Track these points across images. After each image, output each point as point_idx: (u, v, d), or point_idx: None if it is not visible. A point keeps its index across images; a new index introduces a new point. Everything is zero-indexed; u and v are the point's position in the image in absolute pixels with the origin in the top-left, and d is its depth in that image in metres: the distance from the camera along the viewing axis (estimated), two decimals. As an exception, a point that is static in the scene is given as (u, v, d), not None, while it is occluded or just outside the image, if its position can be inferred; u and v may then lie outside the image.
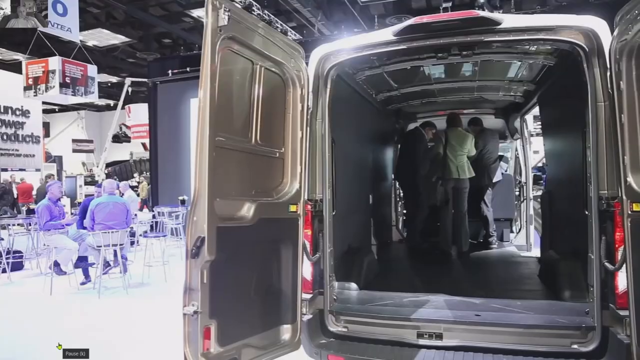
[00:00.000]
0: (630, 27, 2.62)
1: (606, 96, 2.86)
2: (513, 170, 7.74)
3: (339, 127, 3.86)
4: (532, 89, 5.43)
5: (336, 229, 3.63)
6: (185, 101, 13.90)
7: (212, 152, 2.53)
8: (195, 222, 2.53)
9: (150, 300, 7.25)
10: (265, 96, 3.07)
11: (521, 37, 3.17)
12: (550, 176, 5.64)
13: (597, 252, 2.91)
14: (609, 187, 2.86)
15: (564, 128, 4.49)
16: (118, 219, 7.82)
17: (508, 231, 7.29)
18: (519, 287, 4.62)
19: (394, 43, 3.28)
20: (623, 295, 2.77)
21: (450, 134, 6.21)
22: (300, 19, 14.58)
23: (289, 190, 3.26)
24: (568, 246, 4.21)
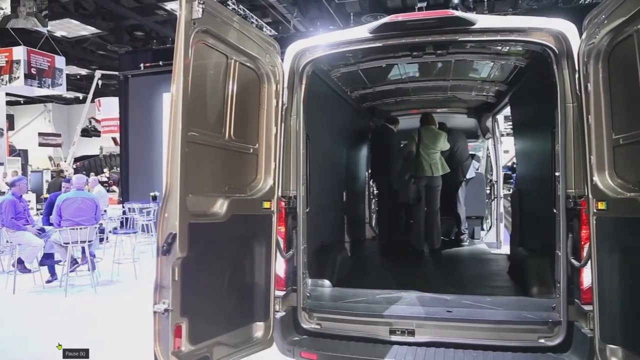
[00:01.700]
0: (597, 31, 2.70)
1: (574, 97, 2.93)
2: (484, 169, 7.88)
3: (313, 124, 3.85)
4: (503, 89, 5.53)
5: (310, 225, 3.62)
6: (157, 95, 13.63)
7: (185, 147, 2.48)
8: (166, 219, 2.48)
9: (119, 298, 7.09)
10: (240, 91, 3.04)
11: (494, 38, 3.22)
12: (520, 175, 5.77)
13: (564, 249, 2.99)
14: (576, 186, 2.94)
15: (533, 128, 4.60)
16: (87, 214, 7.61)
17: (479, 229, 7.42)
18: (489, 283, 4.71)
19: (369, 40, 3.28)
20: (588, 291, 2.86)
21: (423, 133, 6.28)
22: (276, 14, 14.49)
23: (263, 186, 3.24)
24: (536, 243, 4.32)
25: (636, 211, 2.38)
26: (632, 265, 2.55)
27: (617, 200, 2.63)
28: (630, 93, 2.51)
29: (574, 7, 11.54)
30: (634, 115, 2.48)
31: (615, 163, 2.73)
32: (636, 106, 2.45)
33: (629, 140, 2.58)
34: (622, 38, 2.56)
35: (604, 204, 2.72)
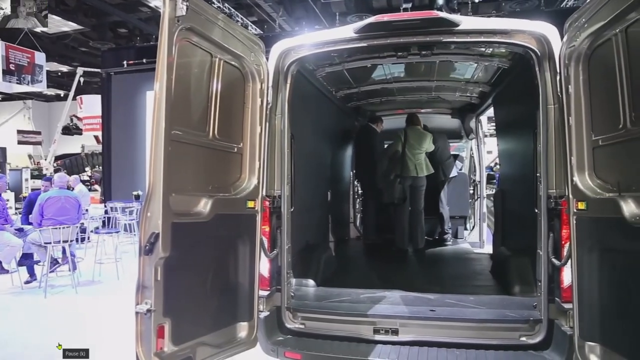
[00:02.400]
0: (578, 34, 2.74)
1: (556, 99, 2.98)
2: (468, 169, 7.96)
3: (298, 123, 3.84)
4: (487, 90, 5.59)
5: (294, 225, 3.61)
6: (141, 93, 13.48)
7: (168, 146, 2.46)
8: (149, 218, 2.46)
9: (101, 298, 6.99)
10: (224, 90, 3.02)
11: (477, 39, 3.25)
12: (502, 175, 5.84)
13: (545, 249, 3.04)
14: (557, 187, 2.98)
15: (516, 129, 4.66)
16: (70, 214, 7.50)
17: (462, 228, 7.49)
18: (472, 282, 4.76)
19: (354, 40, 3.29)
20: (568, 290, 2.91)
21: (409, 133, 6.32)
22: (262, 13, 14.43)
23: (247, 186, 3.22)
24: (518, 243, 4.37)
25: (614, 211, 2.43)
26: (610, 264, 2.60)
27: (597, 200, 2.68)
28: (609, 95, 2.56)
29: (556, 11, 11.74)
30: (612, 117, 2.53)
31: (594, 164, 2.78)
32: (614, 108, 2.50)
33: (607, 142, 2.63)
34: (601, 41, 2.61)
35: (583, 204, 2.77)
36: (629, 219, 2.33)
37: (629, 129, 2.42)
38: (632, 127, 2.40)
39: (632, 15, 2.29)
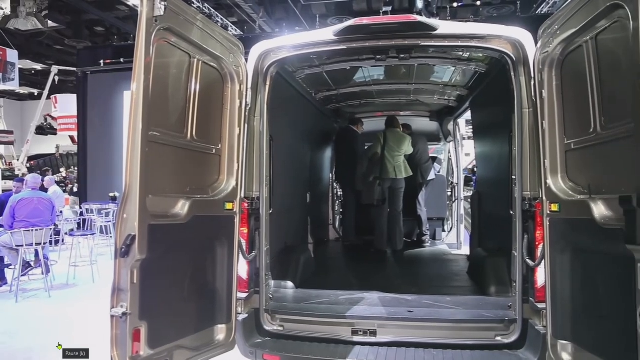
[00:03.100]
0: (551, 41, 2.82)
1: (530, 103, 3.04)
2: (446, 171, 8.06)
3: (277, 125, 3.84)
4: (464, 93, 5.68)
5: (273, 227, 3.61)
6: (118, 93, 13.26)
7: (145, 147, 2.43)
8: (125, 220, 2.43)
9: (75, 302, 6.85)
10: (203, 91, 3.00)
11: (455, 44, 3.31)
12: (479, 177, 5.93)
13: (519, 250, 3.10)
14: (532, 189, 3.05)
15: (492, 132, 4.74)
16: (43, 215, 7.32)
17: (440, 230, 7.58)
18: (449, 283, 4.82)
19: (334, 43, 3.31)
20: (541, 290, 2.98)
21: (389, 135, 6.37)
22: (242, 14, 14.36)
23: (225, 187, 3.21)
24: (494, 244, 4.45)
25: (585, 213, 2.50)
26: (581, 264, 2.67)
27: (569, 202, 2.75)
28: (580, 100, 2.63)
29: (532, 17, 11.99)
30: (583, 122, 2.60)
31: (567, 167, 2.85)
32: (585, 113, 2.57)
33: (579, 145, 2.70)
34: (573, 48, 2.68)
35: (556, 206, 2.84)
36: (598, 221, 2.40)
37: (599, 133, 2.49)
38: (601, 131, 2.47)
39: (601, 23, 2.36)
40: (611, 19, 2.27)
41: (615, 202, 2.17)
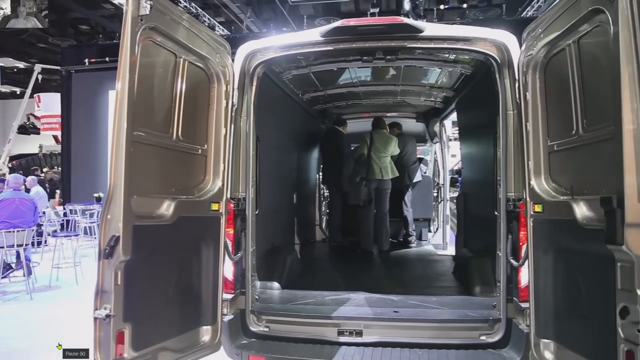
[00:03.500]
0: (535, 44, 2.86)
1: (514, 105, 3.08)
2: (432, 172, 8.11)
3: (264, 125, 3.83)
4: (450, 95, 5.72)
5: (259, 228, 3.60)
6: (103, 93, 13.11)
7: (130, 147, 2.42)
8: (109, 220, 2.41)
9: (58, 304, 6.74)
10: (188, 91, 2.99)
11: (441, 45, 3.34)
12: (465, 178, 5.98)
13: (504, 250, 3.14)
14: (516, 190, 3.09)
15: (478, 133, 4.79)
16: (25, 216, 7.20)
17: (426, 230, 7.62)
18: (435, 284, 4.85)
19: (320, 44, 3.31)
20: (525, 290, 3.02)
21: (375, 136, 6.39)
22: (229, 14, 14.30)
23: (211, 188, 3.20)
24: (479, 244, 4.49)
25: (568, 213, 2.53)
26: (563, 264, 2.71)
27: (552, 203, 2.79)
28: (563, 103, 2.67)
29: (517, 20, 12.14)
30: (565, 124, 2.65)
31: (550, 168, 2.89)
32: (568, 115, 2.61)
33: (562, 147, 2.75)
34: (556, 51, 2.73)
35: (540, 206, 2.88)
36: (580, 221, 2.44)
37: (581, 135, 2.54)
38: (583, 133, 2.51)
39: (583, 27, 2.40)
40: (592, 23, 2.31)
41: (597, 203, 2.20)
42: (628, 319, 1.99)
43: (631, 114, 1.97)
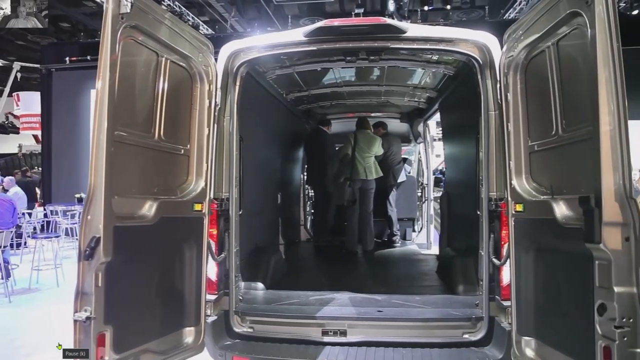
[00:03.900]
0: (515, 45, 2.90)
1: (496, 106, 3.12)
2: (416, 172, 8.17)
3: (247, 125, 3.82)
4: (434, 95, 5.76)
5: (243, 228, 3.58)
6: (85, 92, 12.93)
7: (110, 146, 2.39)
8: (89, 221, 2.38)
9: (37, 307, 6.63)
10: (171, 90, 2.96)
11: (424, 46, 3.37)
12: (448, 178, 6.04)
13: (486, 249, 3.18)
14: (498, 189, 3.12)
15: (460, 134, 4.83)
16: (3, 217, 7.06)
17: (410, 230, 7.67)
18: (419, 283, 4.88)
19: (304, 44, 3.31)
20: (507, 288, 3.06)
21: (359, 136, 6.41)
22: (213, 13, 14.21)
23: (194, 188, 3.17)
24: (462, 244, 4.54)
25: (548, 213, 2.57)
26: (544, 263, 2.75)
27: (532, 202, 2.83)
28: (543, 104, 2.71)
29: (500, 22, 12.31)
30: (545, 124, 2.69)
31: (531, 168, 2.93)
32: (548, 116, 2.65)
33: (542, 147, 2.79)
34: (536, 53, 2.77)
35: (521, 206, 2.92)
36: (560, 220, 2.48)
37: (560, 136, 2.58)
38: (563, 133, 2.55)
39: (562, 29, 2.44)
40: (571, 25, 2.35)
41: (576, 202, 2.24)
42: (605, 316, 2.04)
43: (608, 115, 2.01)
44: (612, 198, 2.03)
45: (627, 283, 2.01)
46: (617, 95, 2.02)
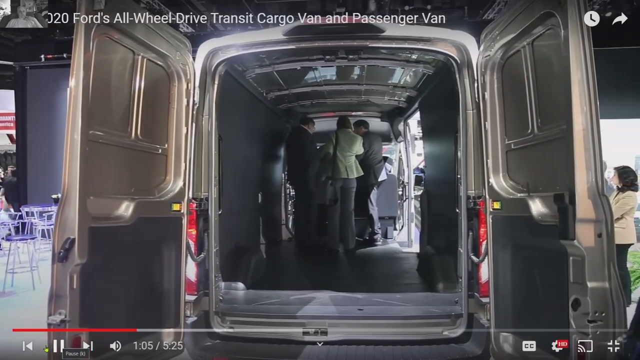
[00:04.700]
0: (492, 45, 2.94)
1: (474, 105, 3.15)
2: (397, 171, 8.21)
3: (227, 124, 3.79)
4: (413, 94, 5.80)
5: (223, 228, 3.56)
6: (61, 90, 12.64)
7: (85, 146, 2.36)
8: (63, 223, 2.35)
9: (12, 312, 6.46)
10: (148, 89, 2.94)
11: (402, 45, 3.39)
12: (428, 177, 6.08)
13: (465, 247, 3.21)
14: (476, 187, 3.16)
15: (439, 132, 4.87)
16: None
17: (392, 229, 7.71)
18: (400, 281, 4.91)
19: (283, 42, 3.30)
20: (485, 285, 3.10)
21: (340, 135, 6.42)
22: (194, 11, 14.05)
23: (172, 188, 3.15)
24: (442, 242, 4.58)
25: (524, 210, 2.61)
26: (521, 259, 2.80)
27: (509, 200, 2.87)
28: (519, 102, 2.76)
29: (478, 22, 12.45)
30: (522, 123, 2.73)
31: (508, 166, 2.97)
32: (524, 114, 2.69)
33: (518, 145, 2.83)
34: (512, 53, 2.81)
35: (498, 203, 2.96)
36: (536, 217, 2.52)
37: (536, 134, 2.62)
38: (538, 132, 2.60)
39: (537, 30, 2.49)
40: (545, 26, 2.40)
41: (551, 200, 2.28)
42: (579, 311, 2.09)
43: (581, 114, 2.06)
44: (585, 195, 2.07)
45: (599, 278, 2.06)
46: (590, 96, 2.07)
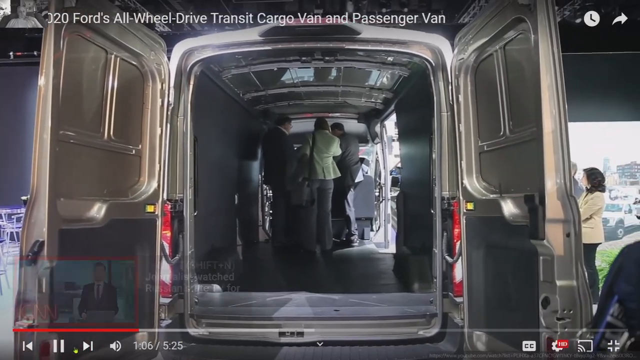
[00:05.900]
0: (466, 48, 2.99)
1: (448, 107, 3.20)
2: (373, 172, 8.26)
3: (202, 125, 3.75)
4: (390, 96, 5.85)
5: (198, 229, 3.52)
6: (32, 89, 12.27)
7: (55, 146, 2.32)
8: (32, 225, 2.30)
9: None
10: (121, 89, 2.90)
11: (378, 48, 3.42)
12: (404, 178, 6.14)
13: (439, 247, 3.26)
14: (450, 189, 3.21)
15: (414, 134, 4.93)
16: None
17: (368, 229, 7.75)
18: (376, 281, 4.94)
19: (259, 43, 3.29)
20: (459, 285, 3.15)
21: (317, 137, 6.43)
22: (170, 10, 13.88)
23: (146, 189, 3.11)
24: (418, 242, 4.63)
25: (497, 211, 2.67)
26: (493, 259, 2.85)
27: (482, 201, 2.92)
28: (492, 105, 2.81)
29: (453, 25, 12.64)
30: (494, 125, 2.79)
31: (481, 167, 3.03)
32: (496, 117, 2.75)
33: (491, 147, 2.89)
34: (485, 56, 2.87)
35: (472, 204, 3.02)
36: (507, 218, 2.58)
37: (507, 136, 2.68)
38: (510, 134, 2.66)
39: (509, 34, 2.55)
40: (516, 31, 2.46)
41: (522, 200, 2.34)
42: (549, 309, 2.14)
43: (550, 117, 2.11)
44: (554, 196, 2.13)
45: (568, 277, 2.12)
46: (559, 99, 2.13)
